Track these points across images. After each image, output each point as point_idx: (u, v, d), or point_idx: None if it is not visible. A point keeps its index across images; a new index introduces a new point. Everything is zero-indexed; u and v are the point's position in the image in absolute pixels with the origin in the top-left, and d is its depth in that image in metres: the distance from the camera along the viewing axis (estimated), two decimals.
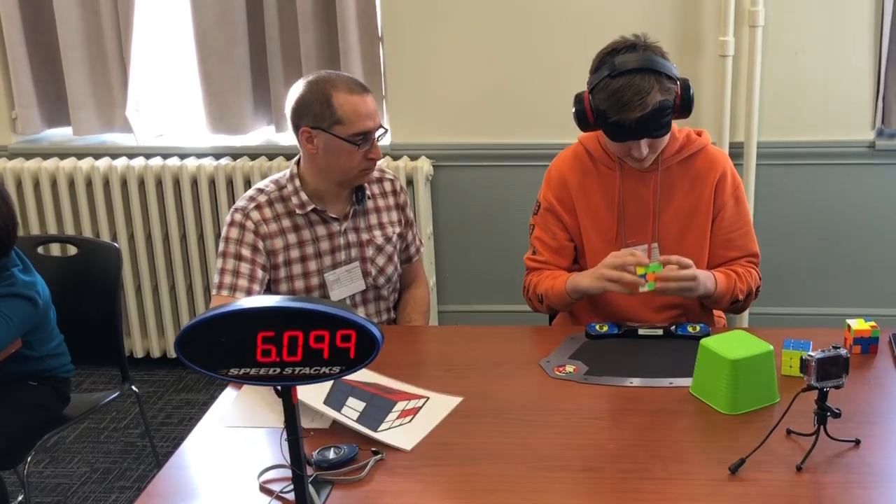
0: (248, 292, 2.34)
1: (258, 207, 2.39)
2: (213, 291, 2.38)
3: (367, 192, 2.49)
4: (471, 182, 3.74)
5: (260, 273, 2.37)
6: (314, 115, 2.32)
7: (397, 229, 2.56)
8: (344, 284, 2.46)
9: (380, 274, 2.51)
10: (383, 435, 1.86)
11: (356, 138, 2.32)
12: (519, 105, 3.63)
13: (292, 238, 2.41)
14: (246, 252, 2.36)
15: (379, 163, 2.45)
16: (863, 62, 3.46)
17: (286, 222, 2.40)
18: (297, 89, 2.37)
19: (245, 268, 2.36)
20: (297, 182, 2.41)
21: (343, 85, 2.33)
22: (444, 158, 3.70)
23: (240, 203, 2.41)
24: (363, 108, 2.32)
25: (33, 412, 2.58)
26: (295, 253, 2.41)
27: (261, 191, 2.43)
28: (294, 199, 2.40)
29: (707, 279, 2.27)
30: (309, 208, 2.40)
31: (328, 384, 1.99)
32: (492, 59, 3.60)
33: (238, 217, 2.39)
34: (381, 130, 2.38)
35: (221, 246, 2.39)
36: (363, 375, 2.05)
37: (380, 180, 2.55)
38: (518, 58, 3.59)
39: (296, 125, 2.37)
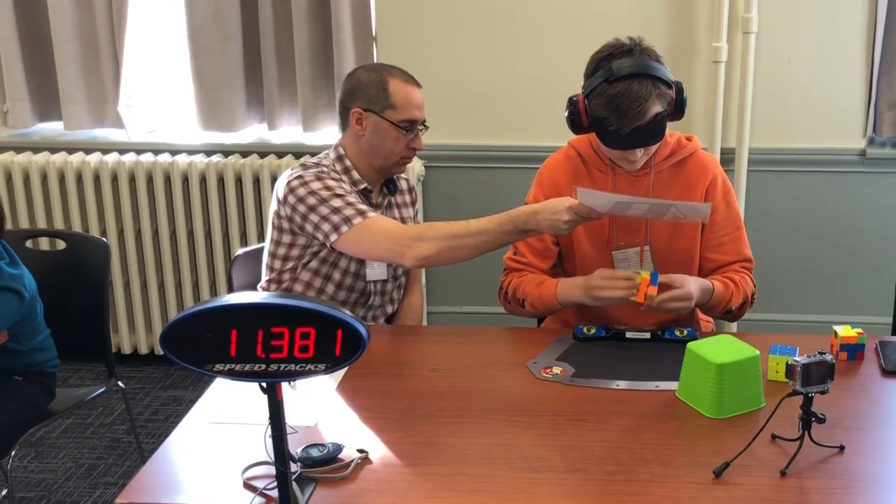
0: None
1: (330, 171, 2.41)
2: (344, 228, 2.28)
3: (397, 186, 2.55)
4: (462, 183, 3.74)
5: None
6: (369, 97, 2.38)
7: (412, 224, 2.60)
8: (375, 268, 2.48)
9: (398, 266, 2.52)
10: None
11: (404, 124, 2.39)
12: (511, 107, 3.64)
13: None
14: (344, 193, 2.35)
15: None
16: (855, 70, 3.47)
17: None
18: (353, 73, 2.46)
19: (355, 199, 2.35)
20: (348, 162, 2.44)
21: (399, 74, 2.43)
22: (436, 159, 3.70)
23: (310, 170, 2.38)
24: (415, 98, 2.41)
25: (18, 407, 2.57)
26: None
27: (316, 164, 2.43)
28: (346, 178, 2.42)
29: (703, 292, 2.27)
30: (361, 186, 2.43)
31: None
32: (485, 60, 3.60)
33: (322, 174, 2.37)
34: (423, 127, 2.45)
35: (325, 193, 2.32)
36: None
37: (397, 178, 2.59)
38: (511, 60, 3.59)
39: (346, 107, 2.42)
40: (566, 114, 2.26)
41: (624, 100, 2.15)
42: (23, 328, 2.55)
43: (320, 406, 1.99)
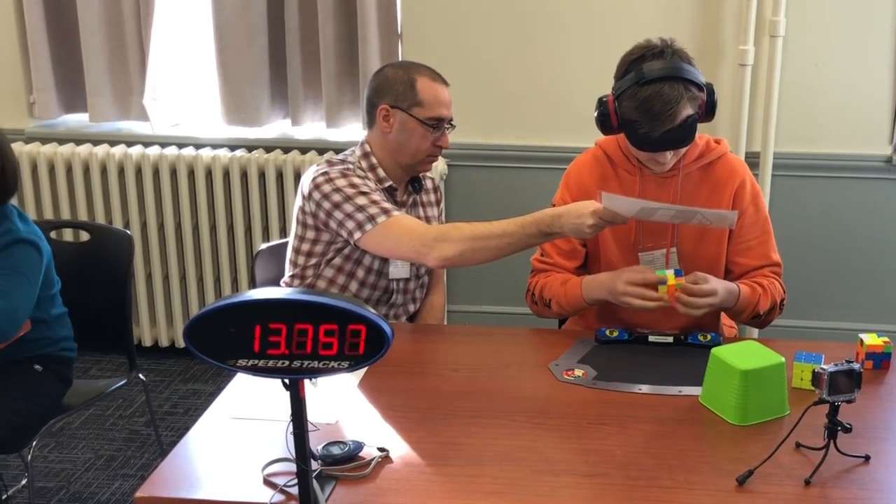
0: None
1: (356, 168, 2.41)
2: (368, 226, 2.30)
3: (423, 185, 2.55)
4: (485, 183, 3.73)
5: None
6: (396, 94, 2.39)
7: (436, 224, 2.59)
8: (398, 266, 2.48)
9: (421, 264, 2.52)
10: None
11: (431, 122, 2.39)
12: (536, 107, 3.62)
13: None
14: (369, 191, 2.36)
15: None
16: (882, 77, 3.44)
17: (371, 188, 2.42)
18: (381, 71, 2.46)
19: (380, 197, 2.36)
20: (374, 160, 2.45)
21: (427, 72, 2.44)
22: (459, 158, 3.69)
23: (336, 167, 2.39)
24: (442, 96, 2.42)
25: (37, 398, 2.57)
26: None
27: (342, 161, 2.44)
28: (371, 175, 2.43)
29: (729, 294, 2.25)
30: (386, 184, 2.44)
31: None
32: (510, 60, 3.59)
33: (348, 171, 2.38)
34: (450, 125, 2.45)
35: (350, 190, 2.33)
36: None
37: (422, 177, 2.59)
38: (536, 60, 3.58)
39: (373, 104, 2.43)
40: (595, 114, 2.24)
41: (655, 103, 2.14)
42: (42, 291, 2.51)
43: (341, 403, 1.99)
